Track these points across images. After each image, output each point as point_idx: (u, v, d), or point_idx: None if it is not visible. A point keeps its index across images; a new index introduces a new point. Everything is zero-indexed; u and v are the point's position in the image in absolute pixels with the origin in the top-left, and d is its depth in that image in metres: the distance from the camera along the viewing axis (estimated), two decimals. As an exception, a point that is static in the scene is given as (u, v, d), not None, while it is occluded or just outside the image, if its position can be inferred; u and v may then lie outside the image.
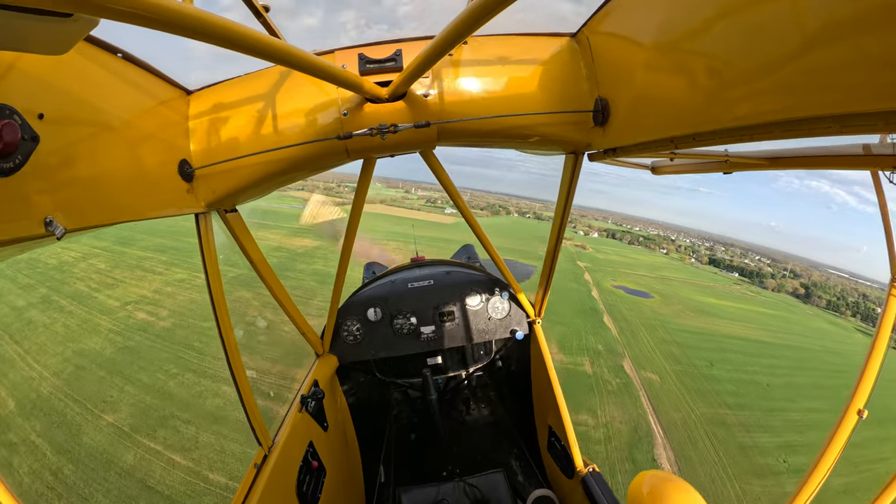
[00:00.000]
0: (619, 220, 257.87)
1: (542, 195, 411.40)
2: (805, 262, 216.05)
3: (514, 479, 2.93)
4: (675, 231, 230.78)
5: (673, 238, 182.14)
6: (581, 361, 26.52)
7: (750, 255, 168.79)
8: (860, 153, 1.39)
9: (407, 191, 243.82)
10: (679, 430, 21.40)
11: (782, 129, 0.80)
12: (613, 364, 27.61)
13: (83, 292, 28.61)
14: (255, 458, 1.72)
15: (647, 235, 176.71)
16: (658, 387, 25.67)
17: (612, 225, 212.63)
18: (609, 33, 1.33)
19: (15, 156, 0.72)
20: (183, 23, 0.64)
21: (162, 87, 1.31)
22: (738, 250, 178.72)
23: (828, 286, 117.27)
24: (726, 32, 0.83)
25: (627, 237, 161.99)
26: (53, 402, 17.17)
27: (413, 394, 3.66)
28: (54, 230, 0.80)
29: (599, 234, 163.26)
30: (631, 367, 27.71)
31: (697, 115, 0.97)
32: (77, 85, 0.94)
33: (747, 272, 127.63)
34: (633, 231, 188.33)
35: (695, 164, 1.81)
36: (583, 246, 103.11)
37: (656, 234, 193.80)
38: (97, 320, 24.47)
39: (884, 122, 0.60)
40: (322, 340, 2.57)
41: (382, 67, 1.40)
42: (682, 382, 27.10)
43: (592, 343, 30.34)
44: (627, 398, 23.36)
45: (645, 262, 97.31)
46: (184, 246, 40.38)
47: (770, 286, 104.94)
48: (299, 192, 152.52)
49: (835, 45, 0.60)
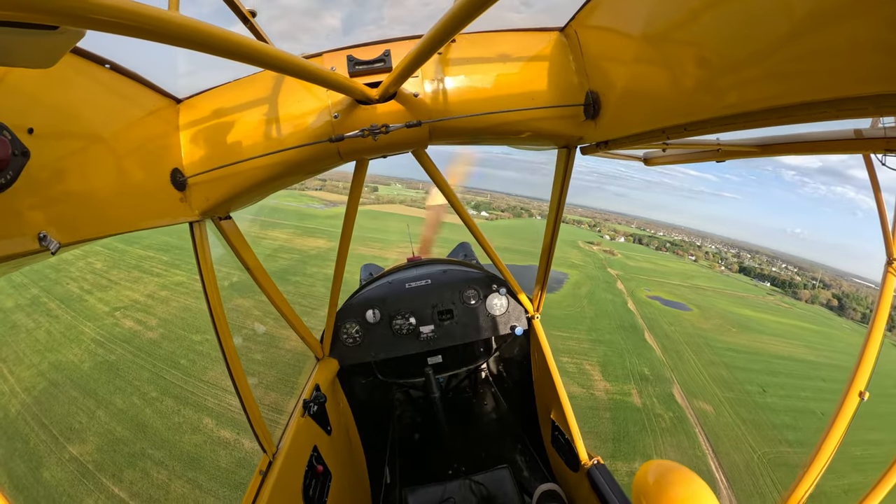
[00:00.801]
0: (642, 225, 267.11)
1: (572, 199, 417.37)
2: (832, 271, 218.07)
3: (519, 475, 3.13)
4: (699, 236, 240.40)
5: (699, 244, 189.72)
6: (628, 390, 26.26)
7: (777, 262, 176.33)
8: (852, 137, 1.57)
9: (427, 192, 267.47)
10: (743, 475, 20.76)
11: (774, 116, 0.88)
12: (663, 392, 27.35)
13: (74, 295, 29.36)
14: (260, 464, 1.86)
15: (674, 241, 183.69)
16: (713, 420, 25.34)
17: (636, 229, 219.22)
18: (597, 26, 1.47)
19: (6, 172, 0.78)
20: (169, 31, 0.70)
21: (151, 97, 1.43)
22: (765, 258, 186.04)
23: (860, 297, 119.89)
24: (715, 21, 0.91)
25: (654, 242, 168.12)
26: (19, 424, 16.88)
27: (415, 394, 4.04)
28: (48, 245, 0.87)
29: (626, 238, 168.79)
30: (682, 396, 27.51)
31: (688, 104, 1.07)
32: (66, 98, 1.02)
33: (779, 282, 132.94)
34: (659, 236, 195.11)
35: (687, 155, 1.99)
36: (611, 251, 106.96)
37: (681, 239, 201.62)
38: (82, 327, 24.81)
39: (875, 105, 0.66)
40: (322, 344, 2.79)
41: (371, 68, 1.53)
42: (737, 414, 26.64)
43: (637, 366, 30.42)
44: (683, 437, 22.95)
45: (675, 269, 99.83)
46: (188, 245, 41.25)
47: (803, 297, 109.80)
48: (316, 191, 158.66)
49: (824, 30, 0.67)
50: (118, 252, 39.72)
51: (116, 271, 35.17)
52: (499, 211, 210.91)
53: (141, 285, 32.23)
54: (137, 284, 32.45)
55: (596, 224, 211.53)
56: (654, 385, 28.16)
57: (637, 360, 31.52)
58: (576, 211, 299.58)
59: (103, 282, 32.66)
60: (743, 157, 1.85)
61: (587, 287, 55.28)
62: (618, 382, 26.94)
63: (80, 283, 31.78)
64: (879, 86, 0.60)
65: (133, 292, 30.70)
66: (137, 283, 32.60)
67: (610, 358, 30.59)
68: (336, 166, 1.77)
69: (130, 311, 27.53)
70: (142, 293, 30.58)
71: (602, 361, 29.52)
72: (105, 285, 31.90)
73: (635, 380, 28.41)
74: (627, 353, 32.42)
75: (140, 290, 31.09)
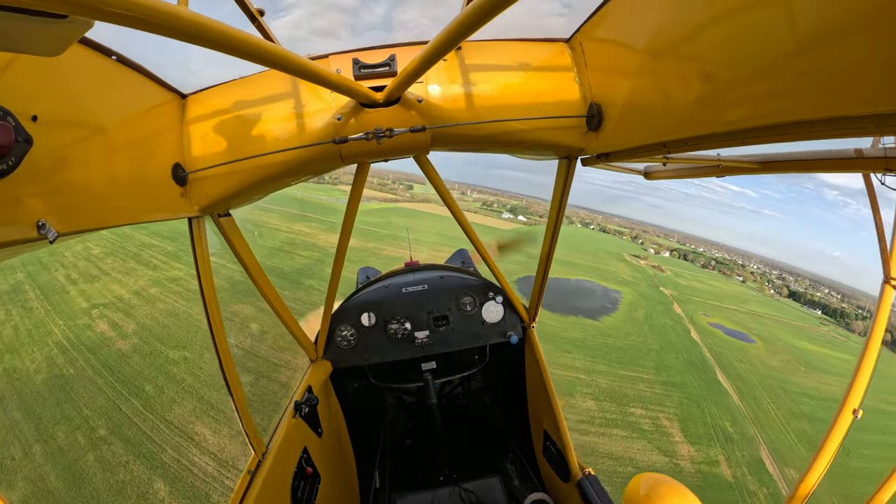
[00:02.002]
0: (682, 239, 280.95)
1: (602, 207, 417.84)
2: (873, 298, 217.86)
3: (509, 484, 3.48)
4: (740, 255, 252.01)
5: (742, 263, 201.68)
6: (714, 456, 25.65)
7: (819, 287, 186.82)
8: (852, 156, 1.76)
9: (462, 192, 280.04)
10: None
11: (775, 133, 0.97)
12: (751, 458, 26.79)
13: (58, 284, 29.60)
14: (249, 464, 2.05)
15: (719, 259, 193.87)
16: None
17: (677, 244, 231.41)
18: (602, 38, 1.63)
19: (8, 158, 0.87)
20: (177, 26, 0.78)
21: (156, 91, 1.58)
22: (807, 281, 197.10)
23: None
24: (719, 37, 1.01)
25: (700, 259, 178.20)
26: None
27: (407, 399, 4.41)
28: (47, 234, 0.96)
29: (670, 253, 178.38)
30: (771, 462, 26.83)
31: (690, 119, 1.19)
32: (71, 87, 1.13)
33: (829, 310, 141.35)
34: (701, 252, 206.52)
35: (687, 170, 2.24)
36: (659, 267, 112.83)
37: (721, 256, 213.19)
38: (52, 326, 24.47)
39: (875, 125, 0.75)
40: (316, 346, 3.08)
41: (376, 72, 1.71)
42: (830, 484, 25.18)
43: (718, 419, 30.15)
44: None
45: (727, 291, 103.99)
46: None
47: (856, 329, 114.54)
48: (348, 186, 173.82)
49: (827, 48, 0.74)
50: (122, 238, 40.53)
51: (112, 259, 35.51)
52: (537, 216, 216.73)
53: (132, 279, 32.15)
54: (128, 278, 32.27)
55: (637, 236, 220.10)
56: (740, 448, 27.73)
57: (717, 412, 31.23)
58: (613, 221, 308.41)
59: (94, 271, 32.77)
60: (743, 174, 2.07)
61: (644, 310, 56.25)
62: (702, 445, 26.36)
63: (69, 271, 32.07)
64: (881, 105, 0.68)
65: (120, 287, 30.49)
66: (129, 276, 32.50)
67: (688, 409, 30.42)
68: (337, 168, 1.97)
69: (110, 311, 26.90)
70: (130, 288, 30.36)
71: (680, 414, 29.28)
72: (94, 275, 31.93)
73: (720, 440, 27.90)
74: (704, 401, 32.39)
75: (129, 285, 30.95)
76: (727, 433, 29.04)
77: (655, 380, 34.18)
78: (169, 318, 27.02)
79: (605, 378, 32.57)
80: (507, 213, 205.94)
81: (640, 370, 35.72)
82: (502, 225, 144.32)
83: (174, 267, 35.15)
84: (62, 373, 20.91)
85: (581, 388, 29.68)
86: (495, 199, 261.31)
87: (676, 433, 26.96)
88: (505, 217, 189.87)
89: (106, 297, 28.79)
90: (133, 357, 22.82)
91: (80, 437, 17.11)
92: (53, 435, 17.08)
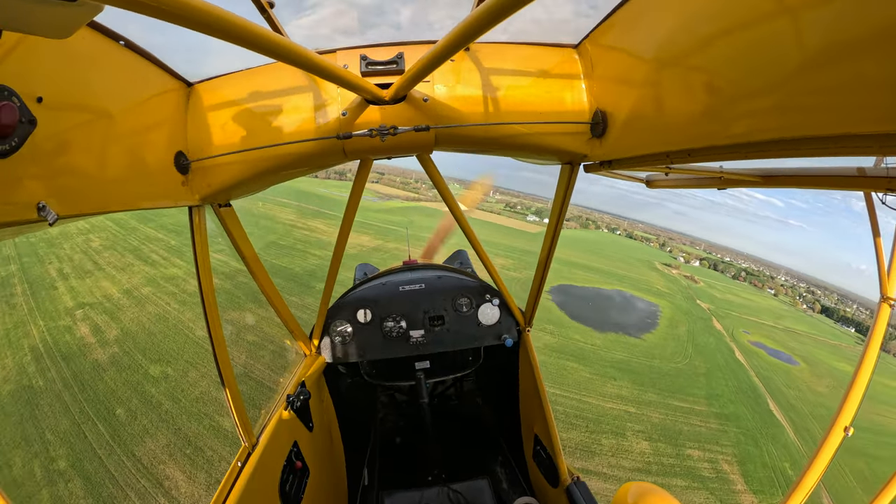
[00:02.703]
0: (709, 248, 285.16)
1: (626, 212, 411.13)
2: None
3: (498, 487, 3.66)
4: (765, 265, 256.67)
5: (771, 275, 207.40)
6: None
7: (848, 302, 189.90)
8: (854, 174, 1.87)
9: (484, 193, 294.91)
10: None
11: (777, 148, 1.04)
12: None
13: (48, 279, 29.80)
14: (239, 455, 2.17)
15: (749, 270, 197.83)
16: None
17: (703, 252, 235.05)
18: (610, 46, 1.72)
19: (11, 138, 0.92)
20: (186, 13, 0.83)
21: (163, 78, 1.67)
22: (835, 295, 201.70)
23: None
24: (726, 50, 1.07)
25: (730, 270, 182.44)
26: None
27: (399, 397, 4.66)
28: (46, 216, 1.01)
29: (700, 263, 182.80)
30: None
31: (694, 131, 1.26)
32: (78, 70, 1.19)
33: (863, 328, 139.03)
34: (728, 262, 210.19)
35: (689, 180, 2.38)
36: (692, 278, 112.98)
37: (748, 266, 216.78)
38: (30, 327, 24.01)
39: (879, 144, 0.80)
40: (310, 340, 3.26)
41: (384, 69, 1.82)
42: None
43: (777, 459, 29.22)
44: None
45: (761, 305, 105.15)
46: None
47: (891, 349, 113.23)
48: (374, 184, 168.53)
49: (833, 66, 0.79)
50: (125, 230, 41.29)
51: (109, 253, 35.74)
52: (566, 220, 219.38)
53: (127, 275, 31.73)
54: (123, 274, 31.93)
55: (664, 243, 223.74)
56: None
57: (774, 450, 30.30)
58: (637, 227, 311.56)
59: (88, 265, 32.74)
60: (745, 187, 2.22)
61: (685, 326, 56.05)
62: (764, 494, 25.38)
63: (63, 265, 32.37)
64: (885, 125, 0.73)
65: (112, 284, 30.04)
66: (124, 273, 32.14)
67: (745, 448, 29.40)
68: (340, 163, 2.09)
69: (95, 312, 26.10)
70: (121, 287, 29.76)
71: (739, 455, 28.31)
72: (88, 270, 31.78)
73: (781, 486, 26.73)
74: (761, 437, 31.58)
75: (122, 283, 30.47)
76: (787, 476, 27.85)
77: (709, 412, 33.16)
78: (157, 323, 25.82)
79: (657, 411, 31.32)
80: (531, 216, 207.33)
81: (692, 400, 34.46)
82: (528, 227, 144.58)
83: (174, 264, 34.91)
84: (31, 384, 19.59)
85: (632, 425, 28.06)
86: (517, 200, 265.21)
87: (737, 479, 25.88)
88: (530, 220, 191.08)
89: (94, 296, 28.28)
90: (109, 370, 20.98)
91: (38, 468, 15.35)
92: (10, 462, 15.48)
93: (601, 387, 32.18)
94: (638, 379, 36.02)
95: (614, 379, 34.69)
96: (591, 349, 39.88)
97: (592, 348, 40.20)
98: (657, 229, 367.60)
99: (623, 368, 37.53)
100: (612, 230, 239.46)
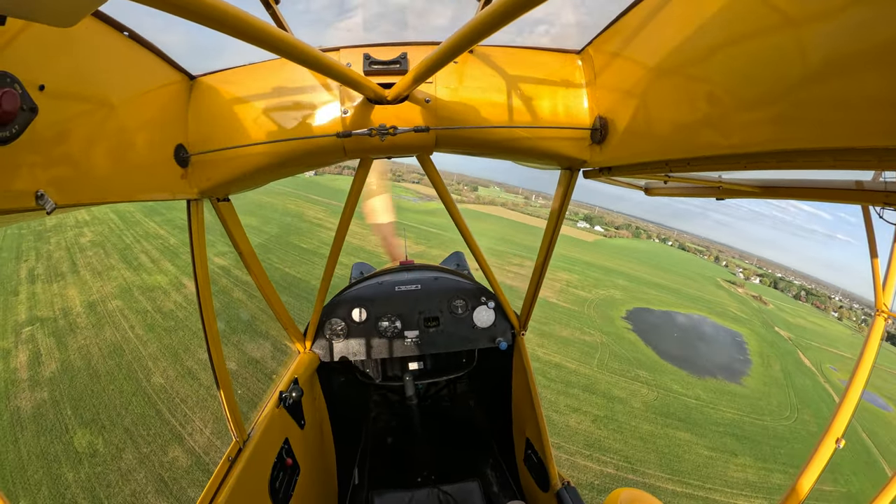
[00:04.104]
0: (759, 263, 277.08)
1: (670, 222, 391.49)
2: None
3: (488, 489, 3.69)
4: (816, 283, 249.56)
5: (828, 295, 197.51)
6: None
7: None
8: (852, 188, 1.92)
9: (526, 197, 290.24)
10: None
11: (776, 160, 1.06)
12: None
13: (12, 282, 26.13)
14: (229, 451, 2.17)
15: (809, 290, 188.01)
16: None
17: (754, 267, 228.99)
18: (613, 53, 1.73)
19: (12, 125, 0.93)
20: (191, 5, 0.84)
21: (165, 70, 1.67)
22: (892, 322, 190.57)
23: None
24: (729, 61, 1.08)
25: (791, 289, 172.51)
26: None
27: (392, 397, 4.70)
28: (44, 204, 1.01)
29: (760, 280, 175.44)
30: None
31: (693, 140, 1.27)
32: (81, 60, 1.19)
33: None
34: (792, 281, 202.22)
35: (688, 189, 2.43)
36: (761, 298, 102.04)
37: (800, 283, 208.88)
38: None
39: (878, 159, 0.81)
40: (304, 337, 3.28)
41: (387, 69, 1.82)
42: None
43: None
44: None
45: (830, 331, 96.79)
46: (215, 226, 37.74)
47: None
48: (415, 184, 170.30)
49: (834, 80, 0.80)
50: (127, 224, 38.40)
51: (94, 252, 32.13)
52: (613, 228, 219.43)
53: (100, 282, 27.04)
54: (97, 280, 27.30)
55: (717, 257, 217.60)
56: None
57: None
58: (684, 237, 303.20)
59: (65, 266, 28.87)
60: (743, 197, 2.24)
61: (777, 363, 50.17)
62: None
63: (39, 263, 28.98)
64: (884, 140, 0.74)
65: (79, 293, 25.31)
66: (98, 279, 27.62)
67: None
68: (340, 161, 2.10)
69: (44, 332, 21.04)
70: (87, 298, 24.78)
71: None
72: (61, 273, 27.82)
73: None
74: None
75: (90, 292, 25.65)
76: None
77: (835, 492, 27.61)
78: (108, 358, 19.60)
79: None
80: (582, 223, 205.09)
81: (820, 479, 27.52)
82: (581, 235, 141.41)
83: (161, 269, 30.10)
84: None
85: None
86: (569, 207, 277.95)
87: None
88: (581, 226, 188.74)
89: (53, 309, 23.42)
90: (25, 430, 14.87)
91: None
92: None
93: (724, 469, 24.70)
94: (758, 451, 28.70)
95: (734, 455, 27.19)
96: (696, 406, 32.56)
97: (697, 404, 33.40)
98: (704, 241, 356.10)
99: (738, 435, 30.56)
100: (664, 241, 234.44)
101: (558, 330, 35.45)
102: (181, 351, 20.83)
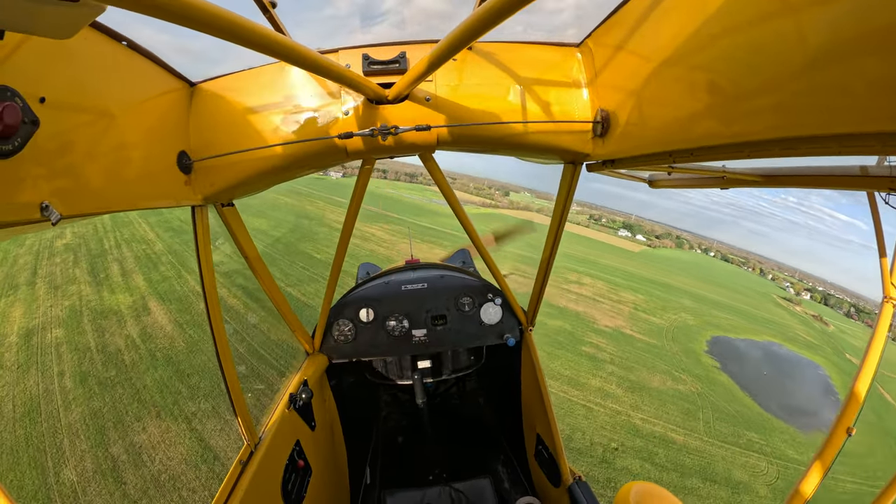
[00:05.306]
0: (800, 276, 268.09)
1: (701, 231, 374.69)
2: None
3: (500, 486, 3.72)
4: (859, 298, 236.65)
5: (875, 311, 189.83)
6: None
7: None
8: (857, 174, 1.86)
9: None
10: None
11: (780, 147, 1.05)
12: None
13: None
14: (241, 454, 2.20)
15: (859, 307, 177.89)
16: None
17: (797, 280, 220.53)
18: (613, 45, 1.72)
19: (14, 138, 0.94)
20: (188, 13, 0.84)
21: (165, 78, 1.69)
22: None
23: None
24: (730, 49, 1.07)
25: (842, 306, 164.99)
26: None
27: (402, 396, 4.74)
28: (49, 216, 1.02)
29: (811, 296, 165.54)
30: None
31: (696, 130, 1.27)
32: (80, 71, 1.20)
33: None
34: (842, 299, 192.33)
35: (692, 180, 2.39)
36: (821, 319, 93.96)
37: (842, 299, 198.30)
38: None
39: (881, 143, 0.81)
40: (313, 339, 3.30)
41: (386, 69, 1.83)
42: None
43: None
44: None
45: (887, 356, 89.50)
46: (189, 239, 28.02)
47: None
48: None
49: (836, 65, 0.80)
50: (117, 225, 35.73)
51: (62, 259, 27.73)
52: (653, 237, 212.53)
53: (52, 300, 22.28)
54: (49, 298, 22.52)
55: (762, 270, 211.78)
56: None
57: None
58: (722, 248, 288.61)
59: (22, 277, 24.72)
60: (747, 186, 2.20)
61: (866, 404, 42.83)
62: None
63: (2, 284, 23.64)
64: (888, 124, 0.74)
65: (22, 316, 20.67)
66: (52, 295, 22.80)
67: None
68: (342, 163, 2.13)
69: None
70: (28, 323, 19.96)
71: None
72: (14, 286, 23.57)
73: None
74: None
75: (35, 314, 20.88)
76: None
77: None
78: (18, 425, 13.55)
79: None
80: (623, 231, 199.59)
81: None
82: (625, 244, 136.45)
83: (130, 286, 24.81)
84: None
85: None
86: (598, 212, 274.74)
87: None
88: (621, 234, 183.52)
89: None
90: None
91: None
92: None
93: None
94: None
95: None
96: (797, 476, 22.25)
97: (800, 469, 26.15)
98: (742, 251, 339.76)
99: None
100: (705, 251, 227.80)
101: (647, 378, 29.71)
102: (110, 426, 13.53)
